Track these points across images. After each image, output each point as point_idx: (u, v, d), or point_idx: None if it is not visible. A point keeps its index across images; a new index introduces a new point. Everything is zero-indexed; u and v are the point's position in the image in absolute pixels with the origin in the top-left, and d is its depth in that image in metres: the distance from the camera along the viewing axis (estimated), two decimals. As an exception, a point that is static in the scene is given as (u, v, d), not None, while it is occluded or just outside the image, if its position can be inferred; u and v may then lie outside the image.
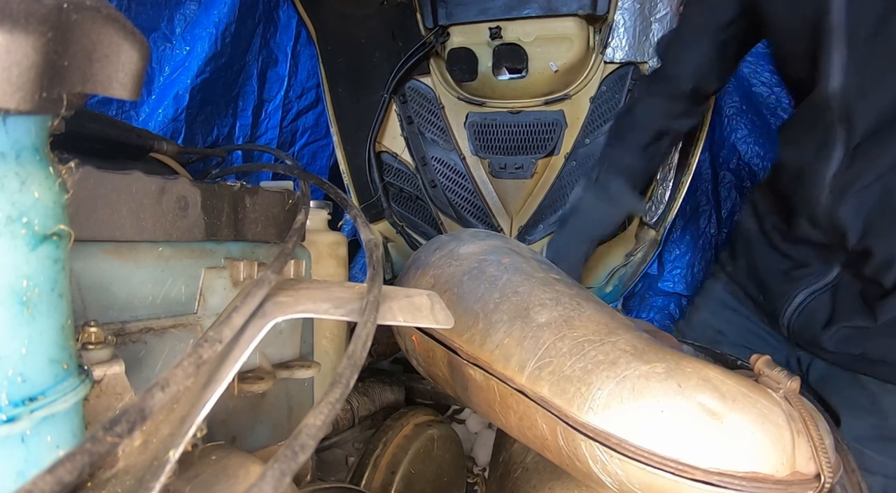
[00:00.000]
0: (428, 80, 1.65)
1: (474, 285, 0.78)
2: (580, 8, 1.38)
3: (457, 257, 0.86)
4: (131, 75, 0.38)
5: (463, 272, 0.82)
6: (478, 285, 0.78)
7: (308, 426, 0.34)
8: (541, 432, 0.66)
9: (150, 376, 0.58)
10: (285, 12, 1.58)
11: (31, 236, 0.35)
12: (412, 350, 0.91)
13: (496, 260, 0.82)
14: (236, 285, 0.67)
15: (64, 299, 0.38)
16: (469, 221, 1.67)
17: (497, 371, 0.69)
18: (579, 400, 0.61)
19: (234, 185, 0.69)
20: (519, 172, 1.60)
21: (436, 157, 1.69)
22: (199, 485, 0.47)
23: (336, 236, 1.07)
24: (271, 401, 0.74)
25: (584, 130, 1.52)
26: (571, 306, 0.70)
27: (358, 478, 0.96)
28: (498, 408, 0.72)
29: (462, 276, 0.81)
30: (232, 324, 0.42)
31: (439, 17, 1.49)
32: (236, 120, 1.52)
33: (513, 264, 0.80)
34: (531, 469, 0.84)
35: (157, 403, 0.34)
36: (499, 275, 0.78)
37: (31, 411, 0.35)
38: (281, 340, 0.76)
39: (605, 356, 0.63)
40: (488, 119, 1.60)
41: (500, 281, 0.77)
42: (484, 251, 0.85)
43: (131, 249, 0.57)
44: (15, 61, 0.31)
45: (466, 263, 0.83)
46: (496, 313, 0.73)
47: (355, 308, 0.46)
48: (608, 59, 1.45)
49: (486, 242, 0.88)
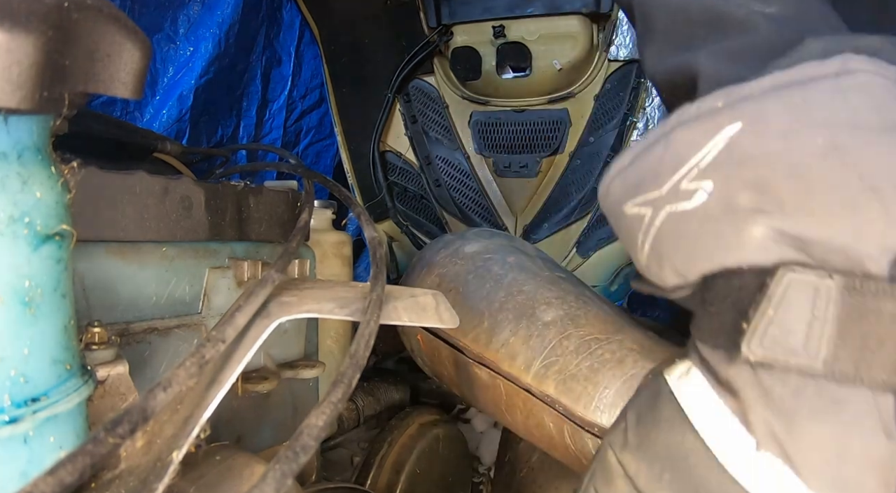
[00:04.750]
0: (432, 79, 1.65)
1: (479, 284, 0.78)
2: (584, 6, 1.37)
3: (462, 255, 0.85)
4: (133, 74, 0.38)
5: (468, 271, 0.81)
6: (483, 284, 0.78)
7: (310, 427, 0.33)
8: (547, 430, 0.65)
9: (155, 376, 0.58)
10: (289, 12, 1.58)
11: (33, 236, 0.35)
12: (417, 349, 0.90)
13: (501, 259, 0.81)
14: (240, 284, 0.67)
15: (67, 300, 0.38)
16: (474, 221, 1.67)
17: (503, 370, 0.69)
18: (586, 399, 0.60)
19: (237, 184, 0.69)
20: (523, 171, 1.60)
21: (440, 156, 1.69)
22: (203, 486, 0.46)
23: (340, 236, 1.07)
24: (276, 401, 0.74)
25: (589, 128, 1.51)
26: (577, 304, 0.70)
27: (363, 478, 0.95)
28: (504, 407, 0.71)
29: (467, 275, 0.81)
30: (235, 324, 0.42)
31: (443, 17, 1.49)
32: (240, 120, 1.52)
33: (518, 263, 0.80)
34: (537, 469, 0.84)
35: (159, 403, 0.33)
36: (504, 274, 0.78)
37: (33, 411, 0.35)
38: (285, 340, 0.76)
39: (611, 355, 0.62)
40: (492, 118, 1.60)
41: (505, 280, 0.77)
42: (489, 250, 0.84)
43: (135, 249, 0.57)
44: (16, 60, 0.31)
45: (471, 261, 0.83)
46: (502, 312, 0.72)
47: (360, 308, 0.46)
48: (612, 57, 1.44)
49: (490, 241, 0.88)
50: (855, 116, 0.33)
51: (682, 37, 0.47)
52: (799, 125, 0.34)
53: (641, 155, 0.40)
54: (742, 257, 0.35)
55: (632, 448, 0.41)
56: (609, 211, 0.44)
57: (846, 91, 0.33)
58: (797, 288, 0.33)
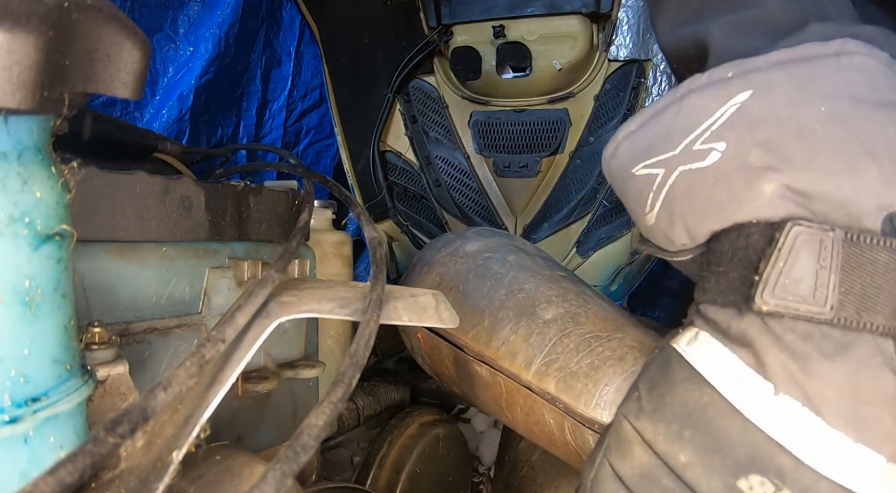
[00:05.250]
0: (432, 79, 1.65)
1: (480, 283, 0.78)
2: (584, 6, 1.37)
3: (462, 254, 0.85)
4: (133, 74, 0.38)
5: (468, 270, 0.81)
6: (483, 283, 0.78)
7: (310, 426, 0.33)
8: (548, 427, 0.65)
9: (155, 376, 0.58)
10: (288, 12, 1.58)
11: (33, 236, 0.35)
12: (418, 348, 0.90)
13: (501, 257, 0.81)
14: (240, 284, 0.67)
15: (67, 300, 0.38)
16: (474, 220, 1.67)
17: (503, 368, 0.69)
18: (586, 396, 0.60)
19: (237, 184, 0.69)
20: (523, 171, 1.60)
21: (440, 156, 1.69)
22: (203, 485, 0.46)
23: (340, 236, 1.07)
24: (276, 401, 0.74)
25: (589, 128, 1.51)
26: (578, 302, 0.70)
27: (363, 478, 0.95)
28: (504, 404, 0.71)
29: (468, 273, 0.81)
30: (235, 324, 0.42)
31: (443, 16, 1.49)
32: (240, 120, 1.53)
33: (518, 262, 0.80)
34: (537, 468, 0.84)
35: (159, 403, 0.33)
36: (504, 272, 0.78)
37: (34, 411, 0.35)
38: (285, 339, 0.76)
39: (612, 352, 0.62)
40: (492, 118, 1.60)
41: (505, 278, 0.77)
42: (489, 249, 0.84)
43: (135, 249, 0.57)
44: (16, 60, 0.31)
45: (472, 260, 0.83)
46: (502, 310, 0.72)
47: (360, 308, 0.46)
48: (612, 56, 1.44)
49: (491, 240, 0.88)
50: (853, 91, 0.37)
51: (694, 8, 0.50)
52: (804, 95, 0.37)
53: (651, 120, 0.42)
54: (753, 212, 0.37)
55: (648, 414, 0.42)
56: (614, 174, 0.46)
57: (845, 69, 0.37)
58: (804, 240, 0.35)
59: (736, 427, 0.37)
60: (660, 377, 0.42)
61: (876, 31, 0.40)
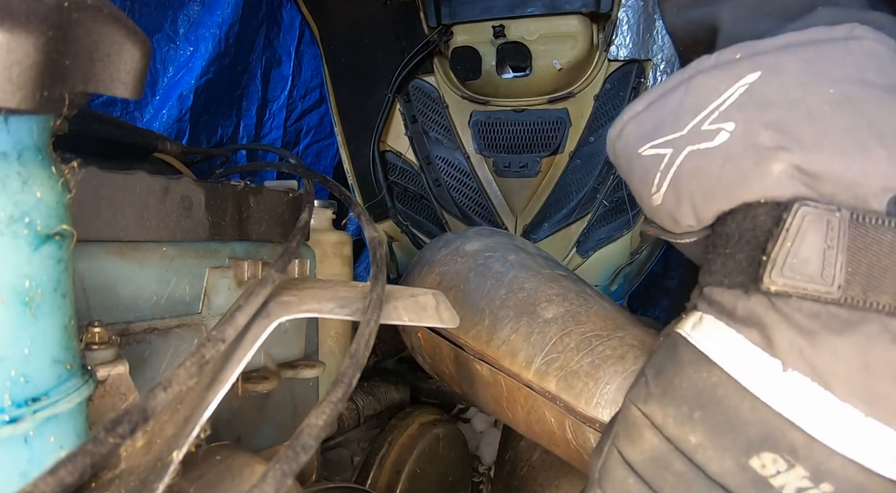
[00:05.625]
0: (432, 79, 1.65)
1: (480, 282, 0.78)
2: (584, 6, 1.37)
3: (462, 254, 0.85)
4: (133, 74, 0.38)
5: (469, 269, 0.81)
6: (484, 282, 0.78)
7: (310, 426, 0.33)
8: (549, 426, 0.65)
9: (155, 376, 0.58)
10: (288, 12, 1.58)
11: (33, 236, 0.35)
12: (418, 347, 0.90)
13: (502, 257, 0.81)
14: (240, 284, 0.67)
15: (67, 299, 0.38)
16: (474, 220, 1.67)
17: (504, 367, 0.69)
18: (587, 395, 0.61)
19: (238, 184, 0.69)
20: (523, 171, 1.60)
21: (440, 156, 1.69)
22: (203, 485, 0.46)
23: (341, 235, 1.07)
24: (276, 401, 0.74)
25: (589, 128, 1.51)
26: (578, 301, 0.70)
27: (363, 478, 0.95)
28: (505, 403, 0.71)
29: (468, 273, 0.81)
30: (235, 324, 0.42)
31: (442, 16, 1.49)
32: (240, 120, 1.53)
33: (518, 261, 0.80)
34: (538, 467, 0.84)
35: (159, 403, 0.33)
36: (505, 271, 0.78)
37: (34, 411, 0.35)
38: (285, 339, 0.76)
39: (612, 351, 0.62)
40: (492, 118, 1.60)
41: (506, 277, 0.77)
42: (489, 248, 0.85)
43: (135, 249, 0.57)
44: (16, 60, 0.31)
45: (472, 260, 0.83)
46: (503, 310, 0.72)
47: (360, 308, 0.46)
48: (612, 56, 1.44)
49: (491, 239, 0.88)
50: (862, 75, 0.37)
51: None
52: (813, 77, 0.37)
53: (658, 100, 0.42)
54: (762, 191, 0.38)
55: (656, 398, 0.41)
56: (619, 154, 0.46)
57: (854, 53, 0.37)
58: (811, 220, 0.36)
59: (746, 406, 0.37)
60: (667, 362, 0.42)
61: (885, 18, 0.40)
